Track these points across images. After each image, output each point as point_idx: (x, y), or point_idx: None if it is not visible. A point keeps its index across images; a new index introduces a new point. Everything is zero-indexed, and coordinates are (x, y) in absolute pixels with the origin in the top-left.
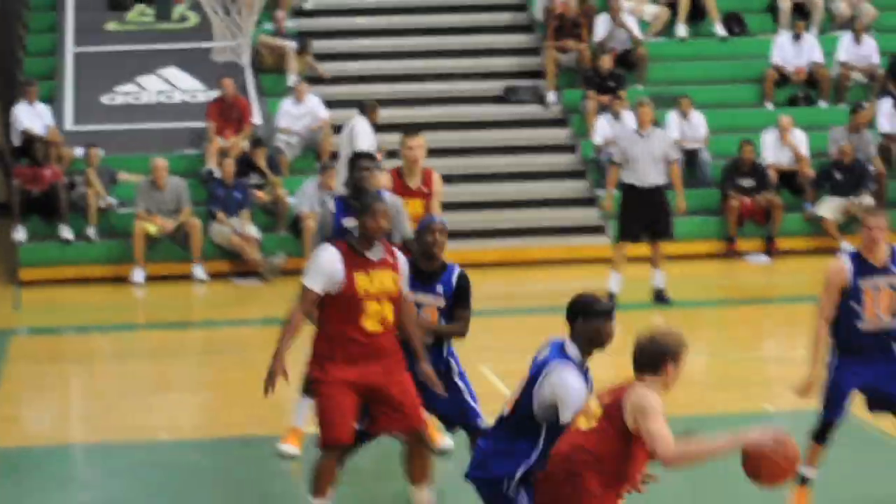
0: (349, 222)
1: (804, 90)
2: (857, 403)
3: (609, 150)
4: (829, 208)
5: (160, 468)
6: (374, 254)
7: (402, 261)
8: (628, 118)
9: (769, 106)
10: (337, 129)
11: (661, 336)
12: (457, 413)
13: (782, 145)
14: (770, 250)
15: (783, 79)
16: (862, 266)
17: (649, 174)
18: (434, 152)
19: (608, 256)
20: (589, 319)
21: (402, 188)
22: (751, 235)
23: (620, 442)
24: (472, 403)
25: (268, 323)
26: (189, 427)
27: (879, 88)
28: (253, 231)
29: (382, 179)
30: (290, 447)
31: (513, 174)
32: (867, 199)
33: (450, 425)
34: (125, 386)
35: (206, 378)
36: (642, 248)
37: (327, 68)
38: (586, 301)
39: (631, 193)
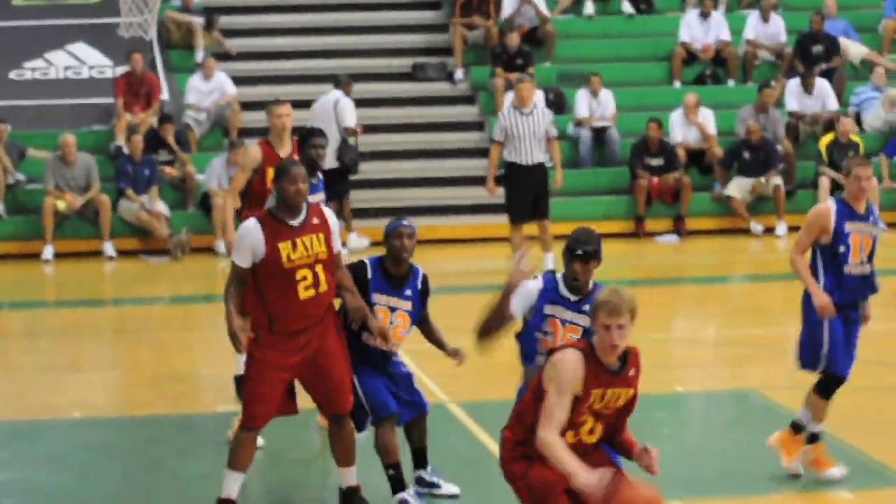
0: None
1: (712, 68)
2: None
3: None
4: (737, 188)
5: (72, 446)
6: (297, 219)
7: (331, 218)
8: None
9: (677, 84)
10: (245, 105)
11: (615, 292)
12: (417, 402)
13: (690, 124)
14: (679, 230)
15: (691, 57)
16: (848, 211)
17: (532, 152)
18: None
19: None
20: (565, 257)
21: (272, 157)
22: (660, 215)
23: (534, 399)
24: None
25: (176, 301)
26: (100, 405)
27: (787, 67)
28: (162, 208)
29: (252, 151)
30: None
31: (421, 151)
32: (776, 179)
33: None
34: (36, 364)
35: (117, 356)
36: (559, 227)
37: (234, 44)
38: (573, 238)
39: (515, 172)
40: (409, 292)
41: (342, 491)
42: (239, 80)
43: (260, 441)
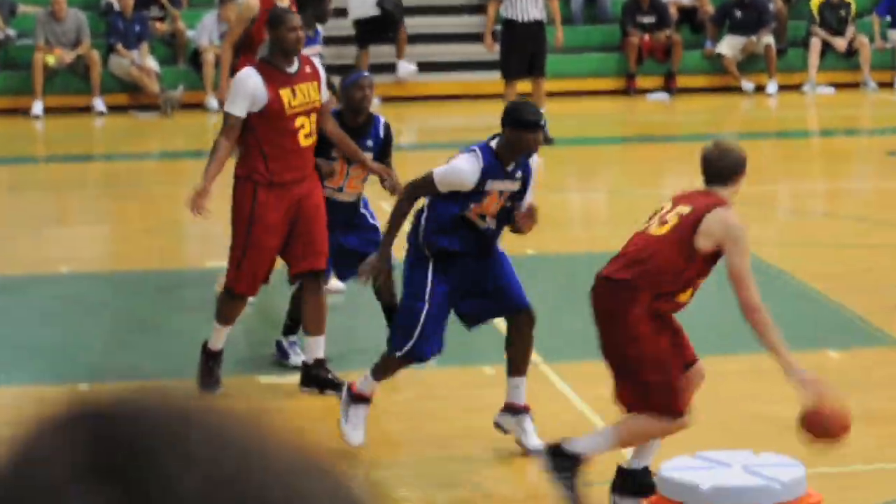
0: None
1: None
2: None
3: None
4: (728, 46)
5: (60, 300)
6: (293, 67)
7: (320, 68)
8: None
9: None
10: None
11: (729, 149)
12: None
13: None
14: (670, 88)
15: None
16: None
17: (529, 9)
18: None
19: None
20: (515, 128)
21: (270, 5)
22: (651, 73)
23: (681, 261)
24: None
25: (166, 156)
26: (88, 259)
27: None
28: (152, 63)
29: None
30: None
31: (411, 8)
32: (767, 38)
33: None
34: (24, 218)
35: (105, 211)
36: (549, 84)
37: None
38: (516, 109)
39: (511, 29)
40: (369, 143)
41: (308, 365)
42: None
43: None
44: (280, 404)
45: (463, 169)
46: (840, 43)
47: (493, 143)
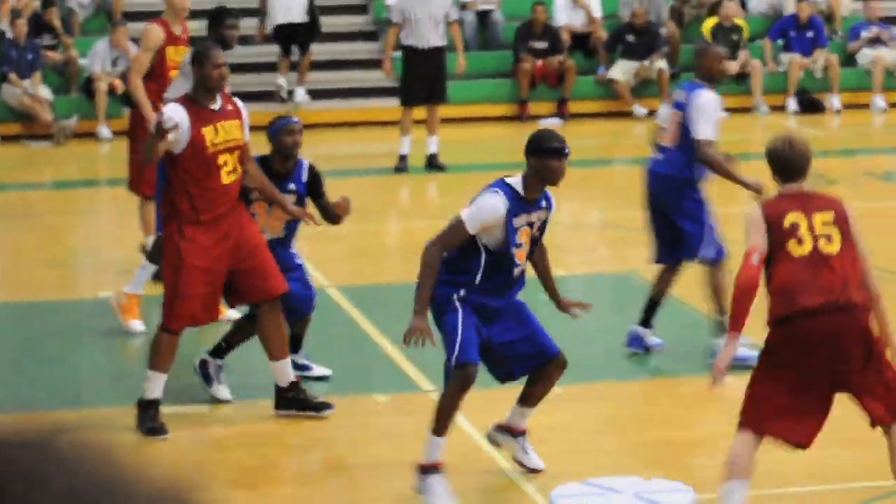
0: None
1: None
2: None
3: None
4: (621, 71)
5: None
6: (216, 104)
7: (242, 107)
8: None
9: None
10: None
11: (799, 143)
12: (305, 300)
13: (575, 7)
14: (562, 113)
15: None
16: None
17: (429, 36)
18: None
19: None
20: (539, 157)
21: (171, 37)
22: (543, 98)
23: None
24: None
25: (59, 186)
26: None
27: None
28: (45, 92)
29: (153, 30)
30: (135, 322)
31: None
32: (660, 62)
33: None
34: None
35: None
36: (443, 111)
37: None
38: (541, 138)
39: (411, 55)
40: (292, 186)
41: (283, 389)
42: None
43: (141, 326)
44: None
45: (490, 200)
46: (732, 66)
47: (511, 180)
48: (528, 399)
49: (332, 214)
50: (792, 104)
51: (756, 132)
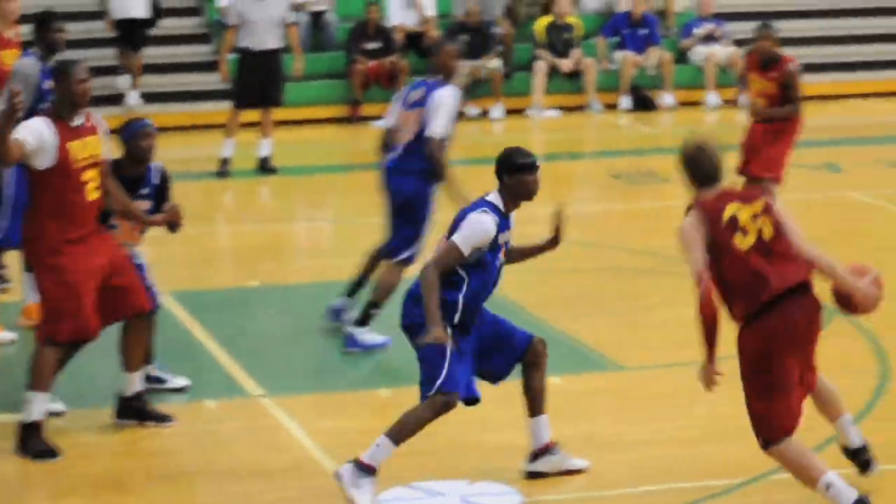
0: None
1: None
2: None
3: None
4: None
5: None
6: (79, 120)
7: (100, 122)
8: None
9: None
10: None
11: (711, 146)
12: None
13: (409, 6)
14: None
15: None
16: None
17: (265, 38)
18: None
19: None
20: (513, 174)
21: (2, 41)
22: (376, 100)
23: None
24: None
25: None
26: None
27: None
28: None
29: None
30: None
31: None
32: (493, 62)
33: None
34: None
35: None
36: (275, 113)
37: None
38: (510, 155)
39: (247, 58)
40: (145, 190)
41: (128, 398)
42: None
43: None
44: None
45: (483, 220)
46: (566, 65)
47: (491, 198)
48: (534, 403)
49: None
50: (625, 102)
51: (589, 130)
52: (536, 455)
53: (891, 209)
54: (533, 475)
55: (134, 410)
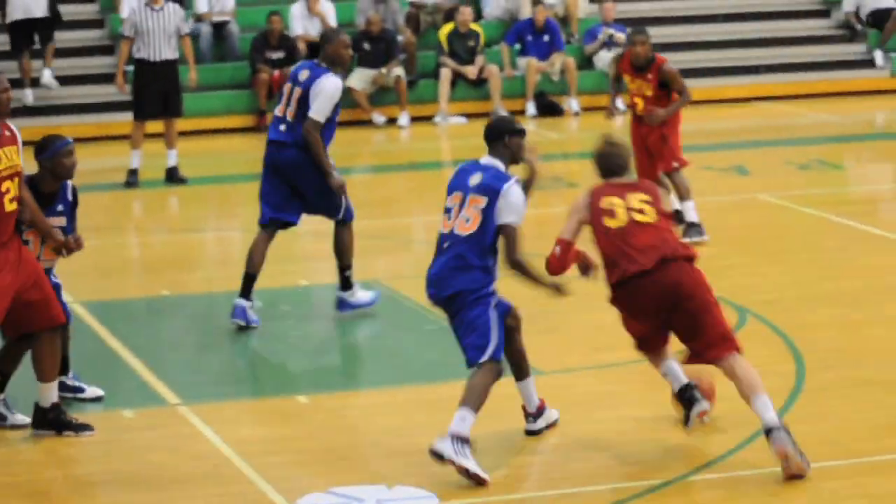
0: None
1: None
2: None
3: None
4: (358, 79)
5: None
6: None
7: (17, 132)
8: None
9: None
10: None
11: (618, 143)
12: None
13: (311, 16)
14: None
15: None
16: None
17: (161, 49)
18: None
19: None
20: (513, 137)
21: None
22: None
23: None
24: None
25: None
26: None
27: None
28: None
29: None
30: None
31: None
32: (397, 70)
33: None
34: None
35: None
36: (181, 123)
37: None
38: (507, 120)
39: (143, 69)
40: (60, 207)
41: (45, 409)
42: None
43: None
44: None
45: (522, 195)
46: (470, 72)
47: (496, 163)
48: (521, 367)
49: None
50: (531, 108)
51: None
52: (535, 416)
53: (799, 210)
54: (533, 433)
55: (51, 421)
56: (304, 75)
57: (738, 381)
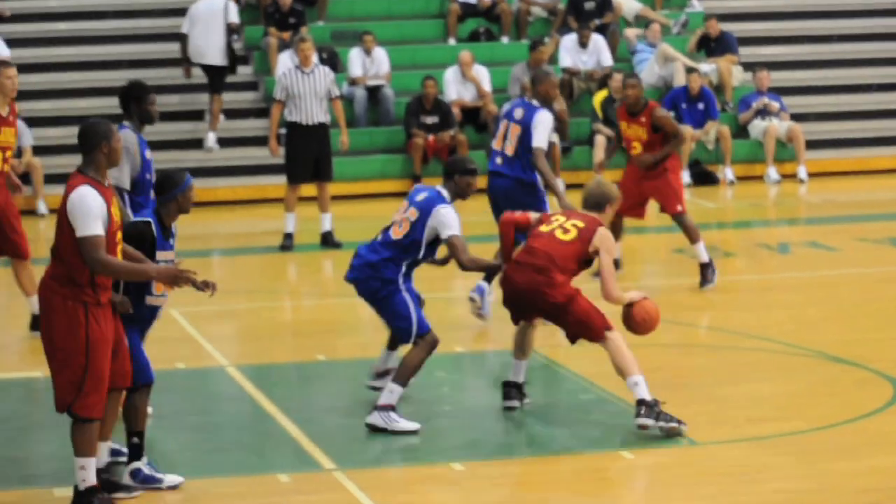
0: None
1: (486, 25)
2: None
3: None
4: None
5: None
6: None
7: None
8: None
9: (452, 41)
10: None
11: (603, 185)
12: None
13: (465, 81)
14: None
15: (466, 13)
16: None
17: (314, 112)
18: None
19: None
20: (463, 175)
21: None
22: (436, 174)
23: (580, 257)
24: None
25: None
26: None
27: (560, 23)
28: None
29: None
30: None
31: (196, 112)
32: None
33: None
34: None
35: None
36: (335, 188)
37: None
38: (461, 161)
39: (295, 132)
40: (172, 241)
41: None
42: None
43: None
44: None
45: (453, 212)
46: None
47: (444, 193)
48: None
49: None
50: (686, 177)
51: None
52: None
53: None
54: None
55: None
56: (519, 113)
57: None
